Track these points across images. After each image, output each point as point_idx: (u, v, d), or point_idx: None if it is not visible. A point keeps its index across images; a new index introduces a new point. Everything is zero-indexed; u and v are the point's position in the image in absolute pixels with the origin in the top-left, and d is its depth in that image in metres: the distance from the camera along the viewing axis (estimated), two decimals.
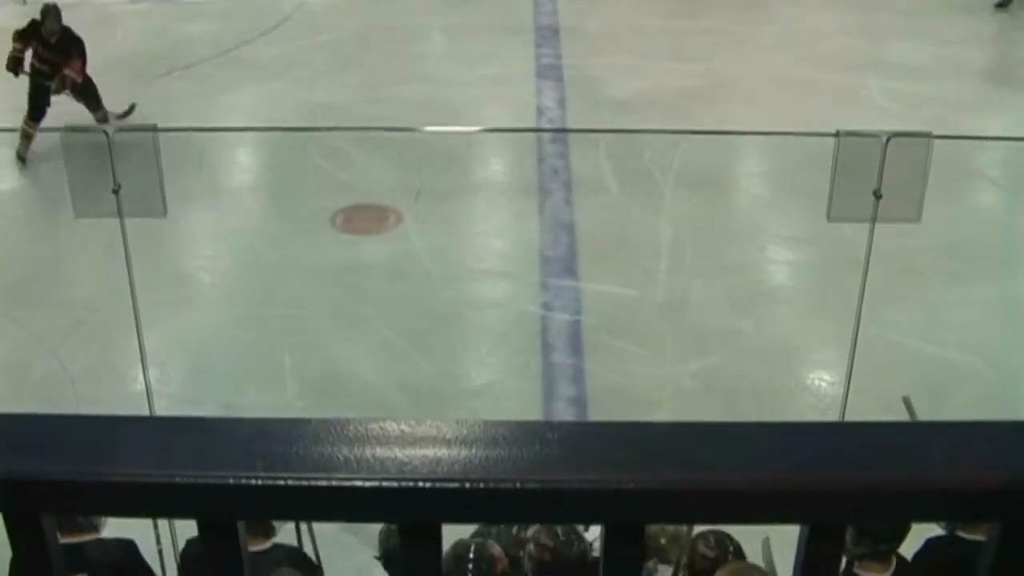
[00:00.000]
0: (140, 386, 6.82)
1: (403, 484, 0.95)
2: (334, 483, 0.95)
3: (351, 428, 0.99)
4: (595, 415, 7.88)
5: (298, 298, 9.09)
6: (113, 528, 4.69)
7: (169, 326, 8.13)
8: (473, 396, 8.16)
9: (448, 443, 0.98)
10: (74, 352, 8.40)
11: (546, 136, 11.64)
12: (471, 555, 4.51)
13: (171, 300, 7.64)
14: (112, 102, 11.07)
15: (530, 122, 11.89)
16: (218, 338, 8.63)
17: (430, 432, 0.99)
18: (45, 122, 10.59)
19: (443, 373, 8.32)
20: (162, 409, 6.80)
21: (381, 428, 0.98)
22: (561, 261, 9.55)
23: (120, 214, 5.47)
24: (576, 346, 8.60)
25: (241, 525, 1.01)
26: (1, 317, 8.92)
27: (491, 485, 0.95)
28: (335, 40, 13.73)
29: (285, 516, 0.88)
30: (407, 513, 1.00)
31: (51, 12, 10.81)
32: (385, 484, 0.95)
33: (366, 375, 8.24)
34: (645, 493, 0.98)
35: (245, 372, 8.23)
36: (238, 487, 0.94)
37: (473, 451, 0.97)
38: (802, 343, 8.73)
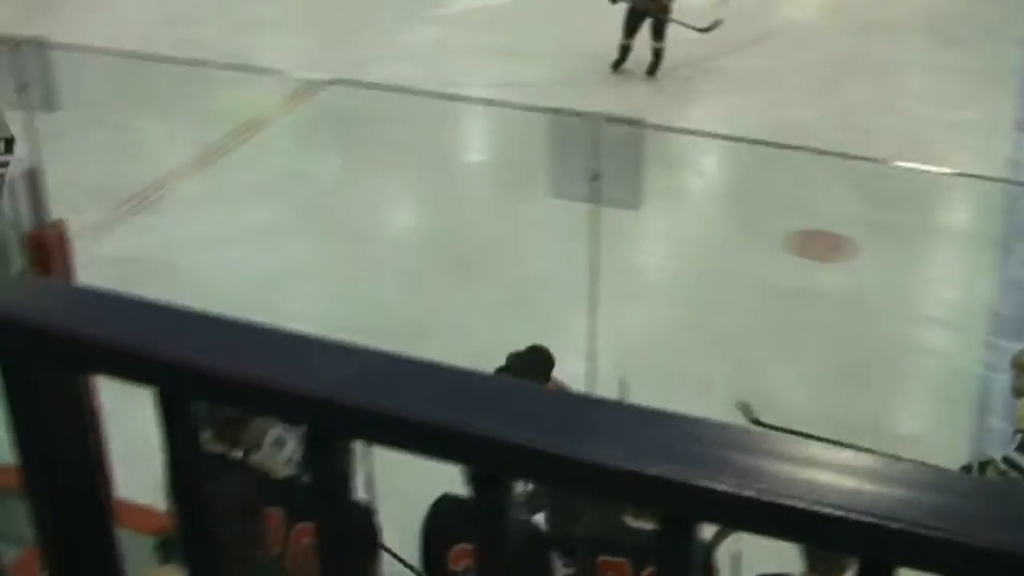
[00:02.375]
0: (572, 368, 7.04)
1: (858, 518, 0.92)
2: (798, 505, 0.93)
3: (815, 451, 0.96)
4: None
5: (740, 312, 9.12)
6: None
7: (608, 318, 8.33)
8: (897, 442, 7.93)
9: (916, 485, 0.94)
10: (514, 327, 8.76)
11: (1016, 190, 11.13)
12: None
13: (615, 293, 7.80)
14: (597, 96, 11.49)
15: (1001, 173, 11.40)
16: (653, 338, 8.78)
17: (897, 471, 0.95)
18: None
19: (871, 411, 8.13)
20: None
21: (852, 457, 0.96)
22: (1014, 322, 9.12)
23: (595, 201, 5.68)
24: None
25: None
26: (452, 284, 9.42)
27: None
28: (815, 62, 13.62)
29: (746, 527, 0.87)
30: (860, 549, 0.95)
31: None
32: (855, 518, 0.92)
33: (794, 400, 8.16)
34: None
35: (674, 376, 8.32)
36: (700, 488, 0.93)
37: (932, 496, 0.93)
38: None
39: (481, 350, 8.06)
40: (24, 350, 1.19)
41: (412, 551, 5.57)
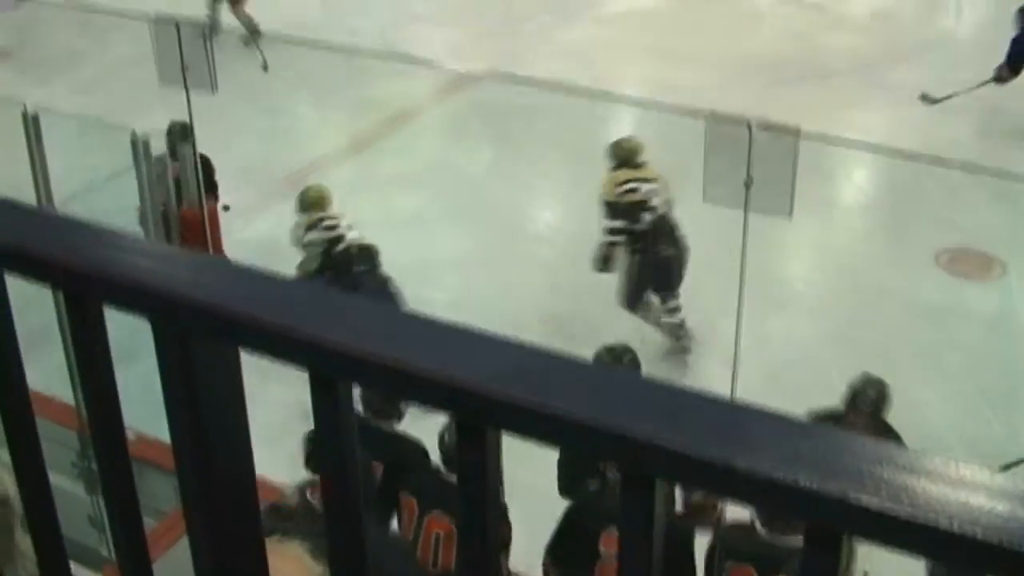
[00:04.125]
0: (716, 376, 7.00)
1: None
2: (950, 526, 0.92)
3: (970, 472, 0.95)
4: None
5: (887, 328, 8.97)
6: None
7: (755, 327, 8.26)
8: None
9: None
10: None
11: None
12: None
13: (763, 301, 7.75)
14: (752, 101, 11.37)
15: None
16: (798, 349, 8.69)
17: None
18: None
19: (1015, 436, 7.93)
20: None
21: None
22: None
23: (746, 208, 5.63)
24: None
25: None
26: (597, 282, 9.39)
27: None
28: (974, 77, 13.31)
29: (895, 545, 0.85)
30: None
31: None
32: None
33: (938, 421, 8.00)
34: None
35: (817, 389, 8.21)
36: (852, 503, 0.93)
37: None
38: None
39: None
40: (182, 323, 1.21)
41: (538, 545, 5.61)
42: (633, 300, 8.80)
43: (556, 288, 9.44)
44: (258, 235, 9.95)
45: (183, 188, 8.63)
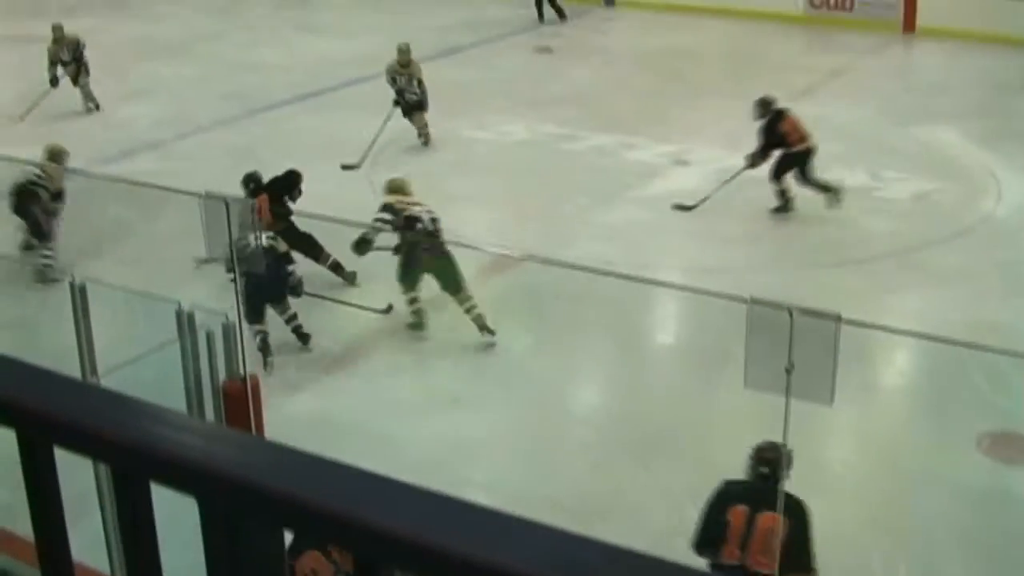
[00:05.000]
0: None
1: None
2: None
3: None
4: None
5: (927, 512, 8.86)
6: None
7: None
8: None
9: None
10: (695, 513, 8.65)
11: None
12: None
13: (803, 485, 7.65)
14: (791, 284, 11.46)
15: None
16: (837, 533, 8.54)
17: None
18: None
19: None
20: None
21: None
22: None
23: (787, 393, 5.63)
24: None
25: None
26: (634, 464, 9.38)
27: None
28: (1015, 259, 13.36)
29: None
30: None
31: None
32: None
33: None
34: None
35: (859, 572, 8.11)
36: None
37: None
38: None
39: (661, 533, 8.00)
40: (228, 503, 1.23)
41: None
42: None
43: (597, 468, 9.40)
44: (298, 411, 9.98)
45: (228, 361, 8.70)
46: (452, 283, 11.55)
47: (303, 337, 11.23)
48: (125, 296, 9.70)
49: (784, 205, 14.49)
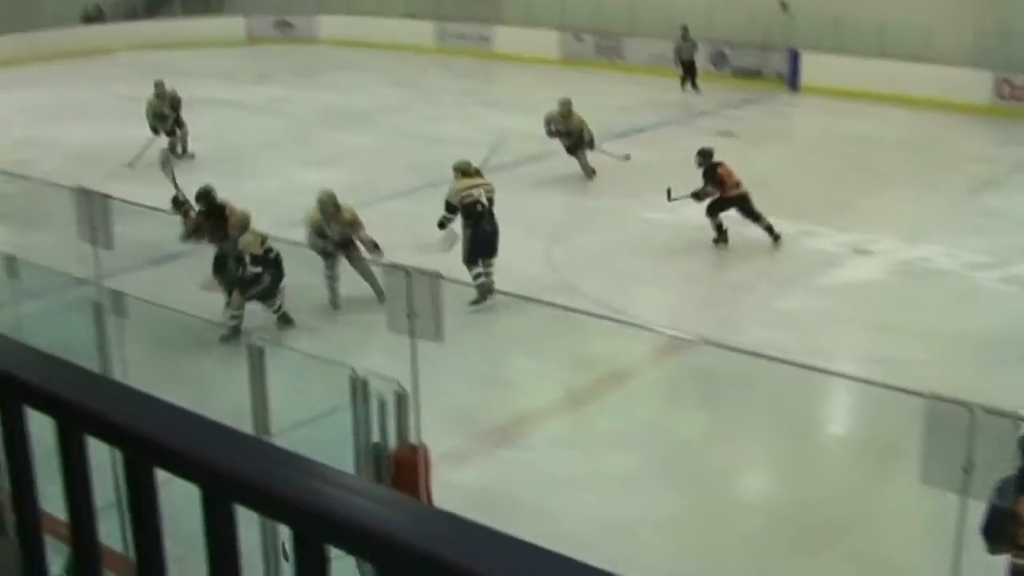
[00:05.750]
0: None
1: None
2: None
3: None
4: None
5: None
6: None
7: None
8: None
9: None
10: None
11: None
12: None
13: None
14: (969, 380, 11.13)
15: None
16: None
17: None
18: None
19: None
20: None
21: None
22: None
23: (964, 492, 5.47)
24: None
25: None
26: (799, 555, 9.16)
27: None
28: None
29: None
30: None
31: None
32: None
33: None
34: None
35: None
36: None
37: None
38: None
39: None
40: (406, 571, 1.24)
41: None
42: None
43: (762, 556, 9.21)
44: (464, 481, 10.02)
45: (399, 429, 8.79)
46: (493, 249, 14.28)
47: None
48: (301, 358, 9.92)
49: (720, 237, 16.54)
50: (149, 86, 22.30)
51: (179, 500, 1.82)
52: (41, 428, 1.71)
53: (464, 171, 14.63)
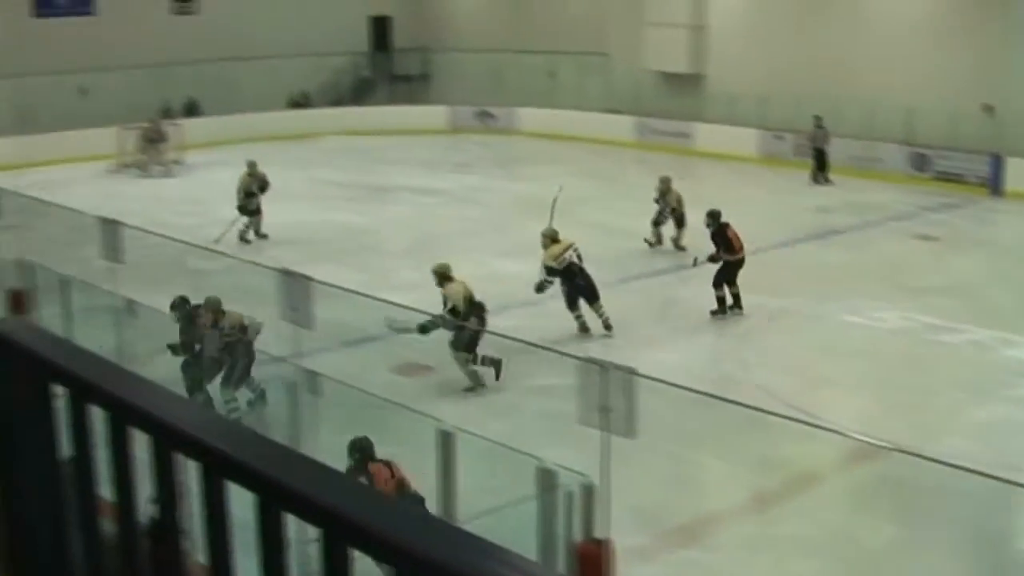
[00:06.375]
0: None
1: None
2: None
3: None
4: None
5: None
6: None
7: None
8: None
9: None
10: None
11: None
12: None
13: None
14: None
15: None
16: None
17: None
18: None
19: None
20: None
21: None
22: None
23: None
24: None
25: None
26: None
27: None
28: None
29: None
30: None
31: None
32: None
33: None
34: None
35: None
36: None
37: None
38: None
39: None
40: None
41: None
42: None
43: None
44: None
45: (585, 522, 8.80)
46: (593, 294, 16.61)
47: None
48: (489, 446, 10.02)
49: (720, 310, 17.50)
50: (353, 172, 23.01)
51: None
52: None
53: (554, 238, 16.84)
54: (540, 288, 16.70)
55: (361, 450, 10.11)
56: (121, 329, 13.81)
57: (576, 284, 16.49)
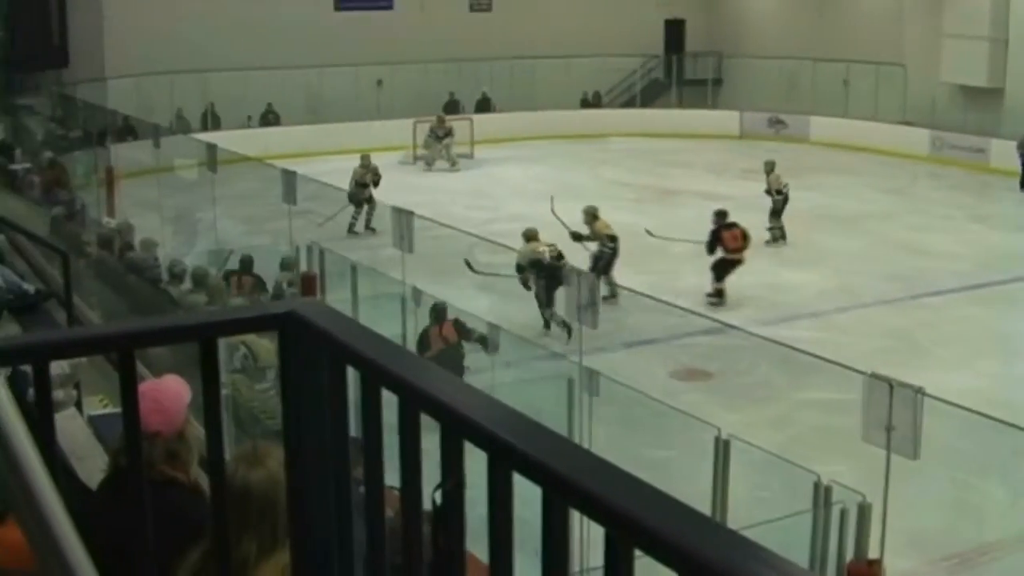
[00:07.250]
0: None
1: None
2: None
3: None
4: None
5: None
6: None
7: None
8: None
9: None
10: None
11: None
12: None
13: None
14: None
15: None
16: None
17: None
18: None
19: None
20: None
21: None
22: None
23: None
24: None
25: None
26: None
27: None
28: None
29: None
30: None
31: None
32: None
33: None
34: None
35: None
36: None
37: None
38: None
39: None
40: None
41: None
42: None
43: None
44: None
45: (858, 541, 8.65)
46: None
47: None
48: (764, 457, 9.93)
49: (718, 299, 18.48)
50: (641, 173, 23.00)
51: None
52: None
53: (594, 214, 19.56)
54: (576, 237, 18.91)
55: (437, 312, 14.05)
56: (406, 316, 14.27)
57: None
